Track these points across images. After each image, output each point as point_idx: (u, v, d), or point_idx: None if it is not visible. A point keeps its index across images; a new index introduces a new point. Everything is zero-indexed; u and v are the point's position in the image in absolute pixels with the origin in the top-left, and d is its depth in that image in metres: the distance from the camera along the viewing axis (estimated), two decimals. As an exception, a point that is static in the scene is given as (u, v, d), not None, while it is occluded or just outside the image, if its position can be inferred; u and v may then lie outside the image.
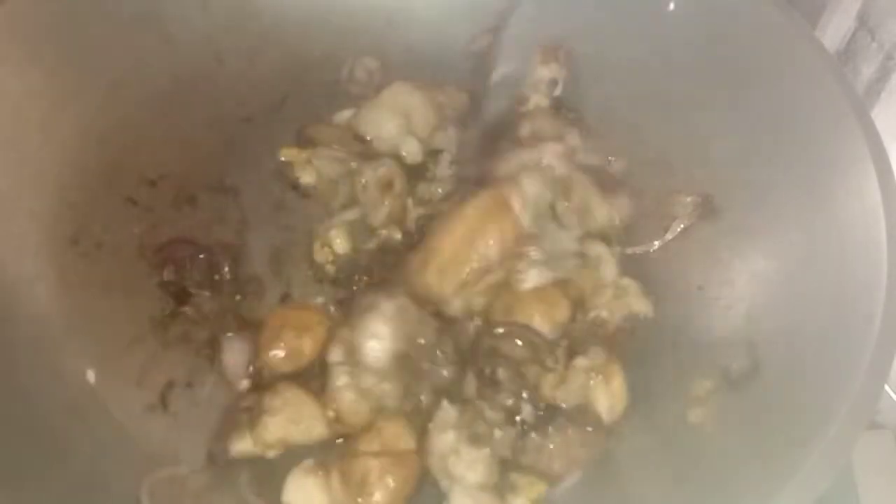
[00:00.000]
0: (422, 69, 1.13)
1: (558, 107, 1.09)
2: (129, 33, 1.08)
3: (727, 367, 0.91)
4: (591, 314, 0.96)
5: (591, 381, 0.89)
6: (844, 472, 0.96)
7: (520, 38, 1.11)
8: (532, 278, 0.93)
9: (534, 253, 0.94)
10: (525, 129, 1.06)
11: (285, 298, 1.00)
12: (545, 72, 1.09)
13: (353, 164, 1.03)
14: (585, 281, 0.97)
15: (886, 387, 0.94)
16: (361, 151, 1.05)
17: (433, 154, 1.07)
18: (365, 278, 0.98)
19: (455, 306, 0.93)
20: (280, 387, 0.89)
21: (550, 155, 1.00)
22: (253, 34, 1.14)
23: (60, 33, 1.03)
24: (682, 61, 1.07)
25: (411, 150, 1.05)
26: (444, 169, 1.05)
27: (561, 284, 0.95)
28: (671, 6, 1.08)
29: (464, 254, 0.92)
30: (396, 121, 1.05)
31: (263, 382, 0.92)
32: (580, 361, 0.91)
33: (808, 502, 0.75)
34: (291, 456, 0.89)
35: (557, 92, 1.09)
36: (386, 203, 1.00)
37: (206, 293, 0.98)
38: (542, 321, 0.92)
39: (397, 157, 1.05)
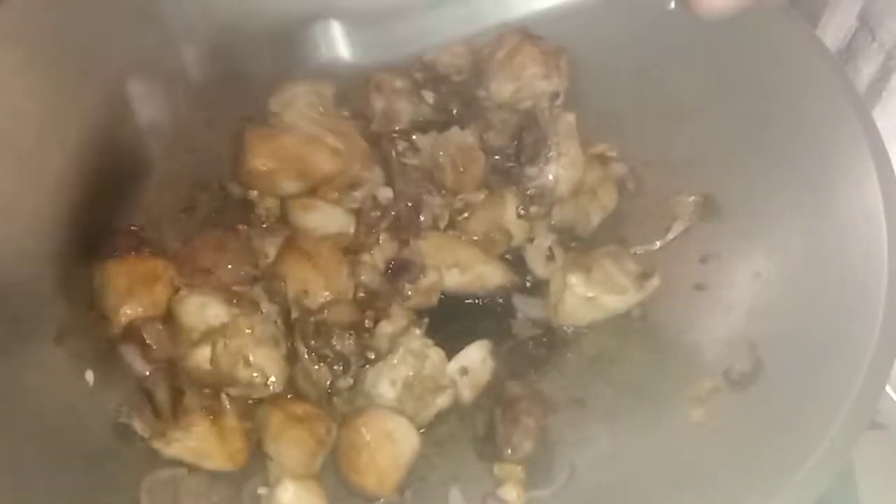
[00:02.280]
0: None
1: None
2: (128, 33, 1.08)
3: (728, 368, 0.91)
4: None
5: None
6: (845, 472, 0.96)
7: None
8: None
9: None
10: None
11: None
12: (545, 85, 1.08)
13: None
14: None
15: (887, 387, 0.94)
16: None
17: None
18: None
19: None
20: (193, 420, 0.87)
21: None
22: (253, 34, 1.14)
23: (60, 33, 1.03)
24: (683, 61, 1.07)
25: None
26: None
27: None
28: (671, 6, 1.08)
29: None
30: None
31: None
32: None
33: (809, 502, 0.75)
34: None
35: (559, 103, 1.09)
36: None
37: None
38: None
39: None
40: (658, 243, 1.03)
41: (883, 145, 0.90)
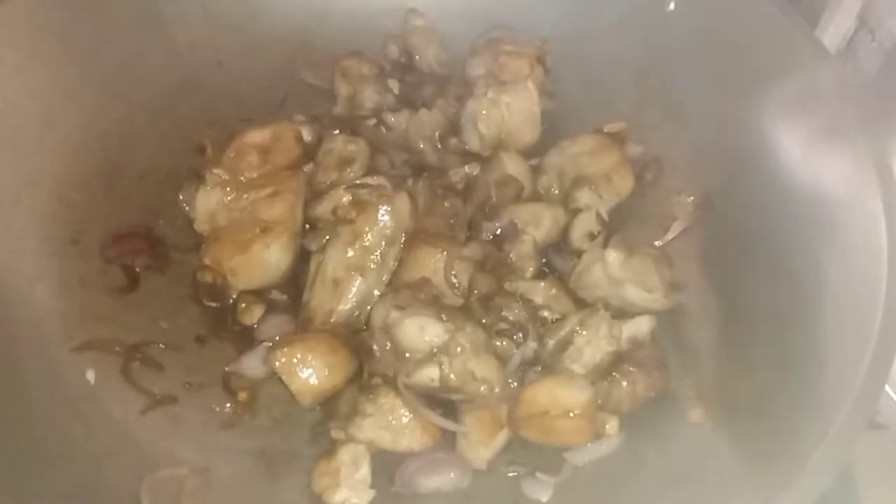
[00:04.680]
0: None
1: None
2: (129, 33, 1.08)
3: (727, 367, 0.91)
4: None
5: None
6: (845, 472, 0.96)
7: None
8: None
9: None
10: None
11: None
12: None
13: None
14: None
15: (886, 387, 0.94)
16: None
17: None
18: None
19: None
20: (379, 392, 0.89)
21: None
22: (253, 34, 1.14)
23: (60, 33, 1.03)
24: (683, 61, 1.07)
25: None
26: None
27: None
28: (671, 6, 1.08)
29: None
30: None
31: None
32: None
33: (809, 502, 0.75)
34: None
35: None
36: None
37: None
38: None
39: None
40: (658, 243, 1.03)
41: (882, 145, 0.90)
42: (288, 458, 0.90)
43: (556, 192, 1.04)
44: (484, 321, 0.92)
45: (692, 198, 1.03)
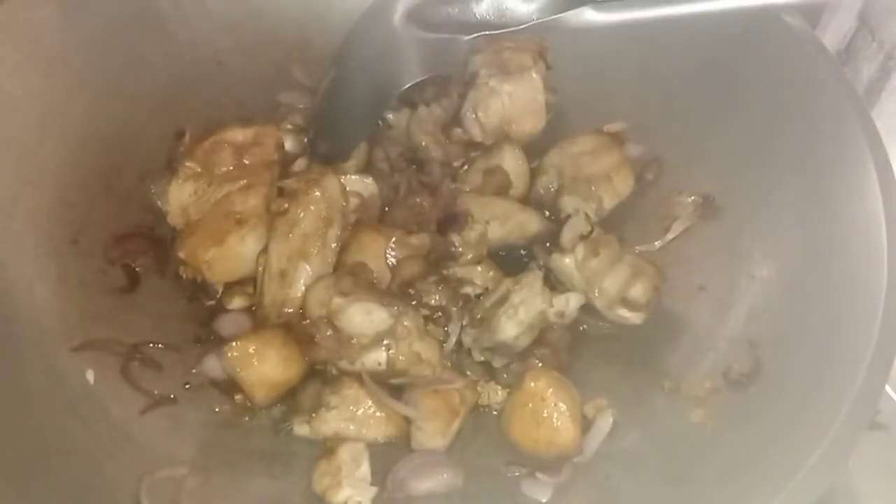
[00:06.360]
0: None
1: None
2: (128, 33, 1.08)
3: (728, 368, 0.91)
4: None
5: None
6: (844, 473, 0.96)
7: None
8: None
9: None
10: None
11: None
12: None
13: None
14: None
15: (886, 387, 0.94)
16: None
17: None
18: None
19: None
20: (343, 383, 0.90)
21: None
22: (253, 34, 1.14)
23: (60, 33, 1.03)
24: (683, 61, 1.07)
25: None
26: None
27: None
28: (671, 7, 1.08)
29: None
30: None
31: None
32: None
33: (809, 502, 0.75)
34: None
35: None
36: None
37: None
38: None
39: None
40: (658, 243, 1.03)
41: (882, 145, 0.90)
42: (287, 458, 0.90)
43: (556, 192, 1.04)
44: (413, 303, 0.92)
45: (692, 198, 1.03)
